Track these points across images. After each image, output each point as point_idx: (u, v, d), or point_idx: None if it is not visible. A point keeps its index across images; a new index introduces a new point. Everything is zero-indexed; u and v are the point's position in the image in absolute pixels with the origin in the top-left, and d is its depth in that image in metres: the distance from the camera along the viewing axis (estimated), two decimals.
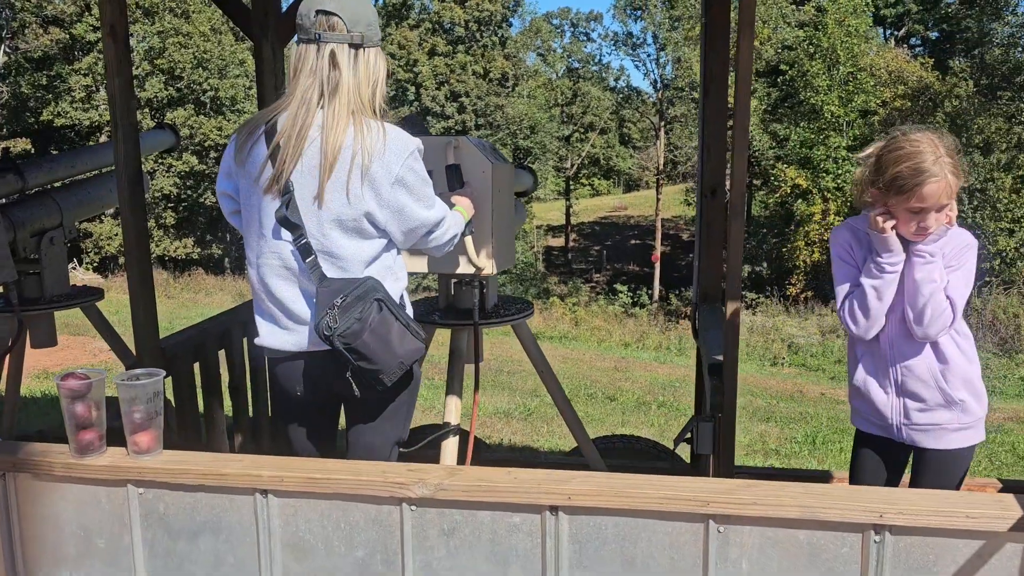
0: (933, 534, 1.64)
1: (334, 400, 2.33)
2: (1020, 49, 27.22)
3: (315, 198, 2.05)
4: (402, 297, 2.23)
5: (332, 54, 2.06)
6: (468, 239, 2.62)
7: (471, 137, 2.73)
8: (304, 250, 2.07)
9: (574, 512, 1.77)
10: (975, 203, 22.07)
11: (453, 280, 3.06)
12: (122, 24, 2.74)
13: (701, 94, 3.29)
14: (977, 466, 6.95)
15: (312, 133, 2.04)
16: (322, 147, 2.03)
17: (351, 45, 2.08)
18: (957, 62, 28.32)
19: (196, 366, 3.27)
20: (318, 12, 2.06)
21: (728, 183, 3.39)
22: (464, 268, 2.74)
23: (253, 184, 2.12)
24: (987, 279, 19.50)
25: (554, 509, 1.77)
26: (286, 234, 2.09)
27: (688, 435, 3.06)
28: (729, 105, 3.34)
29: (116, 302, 8.77)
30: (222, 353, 3.44)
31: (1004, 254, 21.20)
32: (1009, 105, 24.71)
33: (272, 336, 2.19)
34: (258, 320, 2.23)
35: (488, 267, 2.73)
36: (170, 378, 3.10)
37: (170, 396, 3.20)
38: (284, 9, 3.76)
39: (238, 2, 3.75)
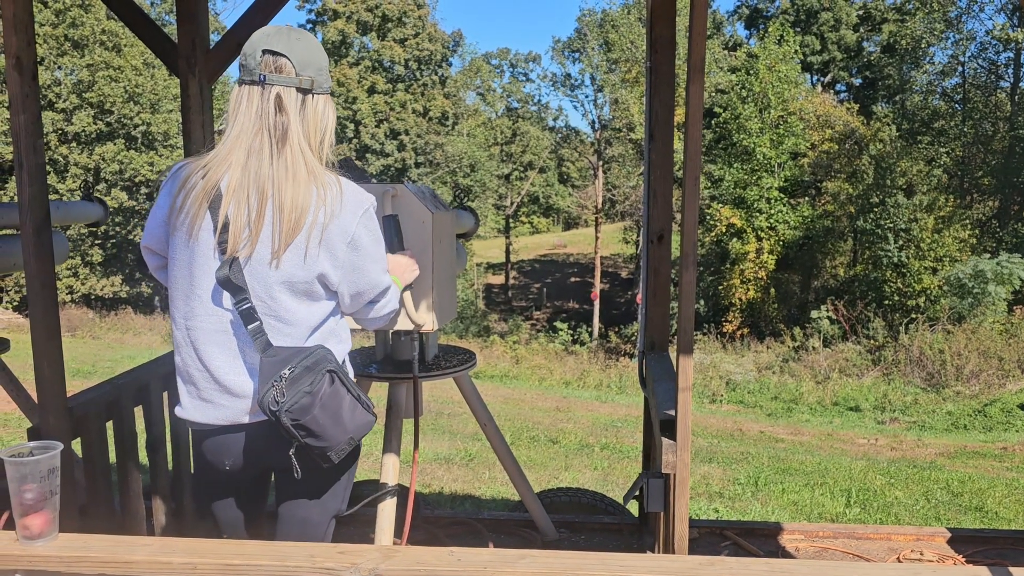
0: None
1: (267, 471, 2.11)
2: (938, 96, 28.61)
3: (270, 260, 1.86)
4: (344, 361, 2.03)
5: (278, 97, 1.88)
6: (407, 293, 2.46)
7: (409, 183, 2.57)
8: (247, 315, 1.86)
9: None
10: (900, 243, 22.88)
11: (391, 330, 2.90)
12: (29, 56, 2.53)
13: (646, 138, 3.22)
14: (915, 505, 6.99)
15: (267, 189, 1.86)
16: (278, 205, 1.85)
17: (299, 90, 1.91)
18: (880, 107, 29.61)
19: (109, 425, 3.01)
20: (265, 52, 1.89)
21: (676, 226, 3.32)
22: (403, 324, 2.54)
23: (188, 240, 1.90)
24: (913, 316, 20.11)
25: None
26: (226, 297, 1.88)
27: (638, 491, 2.93)
28: (675, 150, 3.29)
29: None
30: (139, 409, 3.18)
31: (928, 292, 21.95)
32: (929, 149, 25.86)
33: (198, 411, 1.96)
34: (181, 388, 1.99)
35: (429, 323, 2.55)
36: (79, 439, 2.84)
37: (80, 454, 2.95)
38: (213, 44, 3.58)
39: (164, 36, 3.56)
